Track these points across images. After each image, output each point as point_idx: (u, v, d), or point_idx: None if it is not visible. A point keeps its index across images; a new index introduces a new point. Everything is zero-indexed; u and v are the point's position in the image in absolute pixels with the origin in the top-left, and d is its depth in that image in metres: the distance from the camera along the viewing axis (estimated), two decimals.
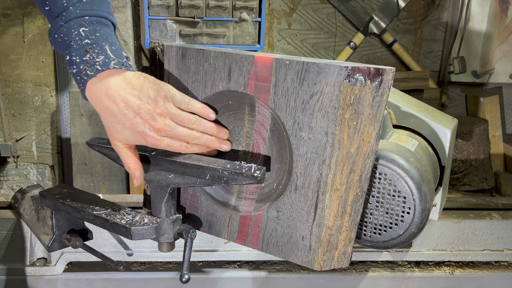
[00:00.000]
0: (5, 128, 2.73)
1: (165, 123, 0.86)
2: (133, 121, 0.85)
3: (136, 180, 0.93)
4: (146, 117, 0.85)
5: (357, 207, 0.89)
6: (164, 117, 0.86)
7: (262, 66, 0.86)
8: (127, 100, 0.84)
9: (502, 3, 2.75)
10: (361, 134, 0.83)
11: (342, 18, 2.87)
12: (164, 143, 0.87)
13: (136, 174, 0.92)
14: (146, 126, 0.85)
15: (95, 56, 0.85)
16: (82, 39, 0.85)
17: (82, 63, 0.85)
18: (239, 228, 0.99)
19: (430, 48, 2.98)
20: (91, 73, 0.85)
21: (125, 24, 2.69)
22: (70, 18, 0.86)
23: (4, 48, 2.73)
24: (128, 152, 0.91)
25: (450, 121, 1.18)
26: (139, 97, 0.85)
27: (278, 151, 0.92)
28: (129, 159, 0.92)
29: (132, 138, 0.87)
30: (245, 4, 2.55)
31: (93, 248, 1.15)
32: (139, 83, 0.86)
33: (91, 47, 0.85)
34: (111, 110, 0.85)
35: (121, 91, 0.85)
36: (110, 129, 0.88)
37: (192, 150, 0.91)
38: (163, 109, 0.86)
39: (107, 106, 0.85)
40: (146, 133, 0.86)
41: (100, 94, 0.85)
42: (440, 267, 1.31)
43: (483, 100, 2.89)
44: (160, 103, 0.85)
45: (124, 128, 0.86)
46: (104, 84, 0.85)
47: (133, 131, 0.86)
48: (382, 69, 0.80)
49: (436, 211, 1.19)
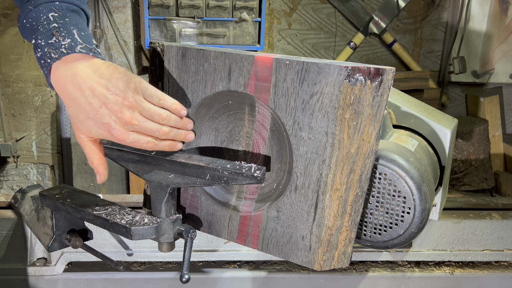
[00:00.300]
0: (5, 128, 2.73)
1: (133, 116, 0.81)
2: (98, 111, 0.80)
3: (99, 176, 0.88)
4: (113, 108, 0.80)
5: (357, 207, 0.89)
6: (132, 110, 0.81)
7: (262, 66, 0.86)
8: (94, 89, 0.80)
9: (502, 3, 2.75)
10: (361, 134, 0.83)
11: (342, 18, 2.87)
12: (130, 138, 0.83)
13: (99, 170, 0.88)
14: (112, 118, 0.80)
15: (61, 39, 0.81)
16: (50, 23, 0.82)
17: (47, 46, 0.81)
18: (239, 228, 0.99)
19: (430, 48, 2.98)
20: (55, 55, 0.81)
21: (125, 24, 2.69)
22: (39, 2, 0.83)
23: (4, 48, 2.73)
24: (92, 145, 0.86)
25: (450, 121, 1.18)
26: (107, 86, 0.80)
27: (278, 151, 0.92)
28: (93, 153, 0.87)
29: (96, 130, 0.82)
30: (245, 4, 2.55)
31: (93, 248, 1.15)
32: (108, 73, 0.81)
33: (57, 30, 0.82)
34: (75, 98, 0.80)
35: (88, 79, 0.80)
36: (74, 119, 0.83)
37: (160, 147, 0.87)
38: (132, 101, 0.81)
39: (71, 93, 0.81)
40: (111, 126, 0.81)
41: (65, 80, 0.81)
42: (440, 267, 1.31)
43: (483, 100, 2.89)
44: (129, 95, 0.81)
45: (88, 118, 0.81)
46: (69, 69, 0.81)
47: (97, 122, 0.81)
48: (382, 69, 0.80)
49: (436, 211, 1.19)
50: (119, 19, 2.68)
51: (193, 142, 1.01)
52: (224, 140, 0.98)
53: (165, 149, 0.88)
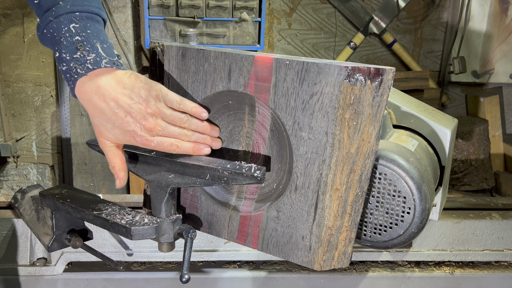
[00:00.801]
0: (5, 128, 2.73)
1: (156, 123, 0.85)
2: (123, 120, 0.84)
3: (119, 181, 0.91)
4: (137, 116, 0.84)
5: (357, 207, 0.89)
6: (155, 117, 0.85)
7: (262, 66, 0.86)
8: (118, 99, 0.83)
9: (502, 3, 2.75)
10: (361, 134, 0.83)
11: (342, 18, 2.87)
12: (154, 142, 0.86)
13: (120, 175, 0.91)
14: (137, 126, 0.84)
15: (86, 54, 0.83)
16: (72, 35, 0.84)
17: (72, 61, 0.83)
18: (239, 228, 0.99)
19: (430, 48, 2.98)
20: (82, 71, 0.83)
21: (125, 24, 2.69)
22: (60, 13, 0.84)
23: (4, 48, 2.73)
24: (116, 151, 0.90)
25: (450, 121, 1.18)
26: (130, 96, 0.83)
27: (278, 151, 0.92)
28: (116, 159, 0.90)
29: (122, 137, 0.86)
30: (245, 4, 2.55)
31: (93, 248, 1.15)
32: (130, 82, 0.84)
33: (81, 44, 0.83)
34: (101, 109, 0.84)
35: (112, 90, 0.83)
36: (100, 128, 0.87)
37: (183, 149, 0.89)
38: (155, 109, 0.85)
39: (97, 105, 0.84)
40: (137, 133, 0.85)
41: (90, 92, 0.84)
42: (440, 267, 1.31)
43: (483, 100, 2.89)
44: (151, 103, 0.84)
45: (114, 127, 0.85)
46: (94, 83, 0.84)
47: (123, 130, 0.85)
48: (382, 69, 0.80)
49: (436, 211, 1.19)
50: (119, 19, 2.68)
51: None
52: (224, 140, 0.98)
53: (189, 151, 0.90)
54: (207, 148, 0.92)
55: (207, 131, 0.91)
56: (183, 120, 0.87)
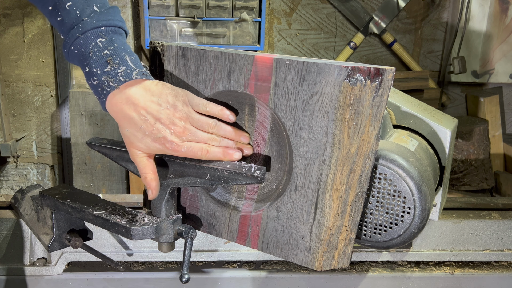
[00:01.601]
0: (5, 128, 2.73)
1: (185, 127, 0.86)
2: (153, 127, 0.85)
3: (152, 191, 0.91)
4: (166, 122, 0.85)
5: (357, 207, 0.89)
6: (184, 121, 0.86)
7: (262, 66, 0.86)
8: (147, 107, 0.85)
9: (502, 3, 2.75)
10: (361, 134, 0.83)
11: (342, 18, 2.87)
12: (184, 147, 0.86)
13: (152, 185, 0.91)
14: (166, 131, 0.85)
15: (117, 67, 0.85)
16: (100, 50, 0.85)
17: (104, 75, 0.85)
18: (239, 228, 0.99)
19: (430, 48, 2.98)
20: (114, 84, 0.85)
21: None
22: (86, 29, 0.85)
23: (4, 48, 2.73)
24: (147, 161, 0.90)
25: (450, 121, 1.18)
26: (158, 103, 0.85)
27: (278, 151, 0.92)
28: (147, 169, 0.90)
29: (153, 145, 0.87)
30: (245, 4, 2.55)
31: (93, 248, 1.15)
32: (158, 90, 0.86)
33: (111, 58, 0.85)
34: (131, 118, 0.85)
35: (141, 99, 0.85)
36: (131, 138, 0.88)
37: (213, 154, 0.88)
38: (183, 114, 0.86)
39: (127, 114, 0.85)
40: (167, 138, 0.85)
41: (120, 103, 0.85)
42: (440, 267, 1.31)
43: (483, 100, 2.89)
44: (179, 108, 0.86)
45: (145, 135, 0.86)
46: (124, 94, 0.85)
47: (154, 137, 0.86)
48: (382, 69, 0.80)
49: (436, 211, 1.19)
50: None
51: None
52: None
53: (219, 156, 0.89)
54: (238, 153, 0.90)
55: (236, 137, 0.91)
56: (211, 125, 0.88)
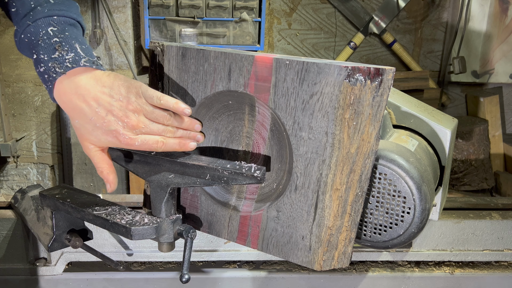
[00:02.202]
0: (5, 128, 2.73)
1: (139, 120, 0.83)
2: (105, 119, 0.81)
3: (109, 185, 0.89)
4: (118, 114, 0.81)
5: (357, 207, 0.89)
6: (137, 113, 0.83)
7: (262, 66, 0.86)
8: (98, 98, 0.81)
9: (502, 3, 2.75)
10: (361, 134, 0.83)
11: (342, 18, 2.87)
12: (138, 141, 0.83)
13: (109, 179, 0.89)
14: (119, 124, 0.82)
15: (65, 54, 0.83)
16: (50, 37, 0.84)
17: (51, 61, 0.83)
18: (239, 228, 0.99)
19: (430, 48, 2.98)
20: (60, 70, 0.82)
21: (125, 24, 2.69)
22: (38, 17, 0.84)
23: (4, 48, 2.73)
24: (101, 155, 0.88)
25: (450, 121, 1.18)
26: (110, 94, 0.82)
27: (278, 151, 0.92)
28: (102, 163, 0.88)
29: (105, 138, 0.84)
30: (245, 4, 2.55)
31: (93, 248, 1.15)
32: (110, 81, 0.83)
33: (60, 45, 0.83)
34: (81, 109, 0.82)
35: (92, 89, 0.82)
36: (81, 130, 0.85)
37: (169, 145, 0.86)
38: (136, 106, 0.82)
39: (77, 105, 0.82)
40: (119, 132, 0.82)
41: (69, 93, 0.82)
42: (440, 267, 1.31)
43: (483, 100, 2.89)
44: (132, 99, 0.82)
45: (96, 128, 0.82)
46: (73, 82, 0.82)
47: (105, 130, 0.82)
48: (382, 69, 0.80)
49: (436, 211, 1.19)
50: (119, 19, 2.68)
51: None
52: (224, 140, 0.98)
53: (175, 148, 0.87)
54: (193, 143, 0.89)
55: (190, 126, 0.89)
56: (166, 117, 0.85)
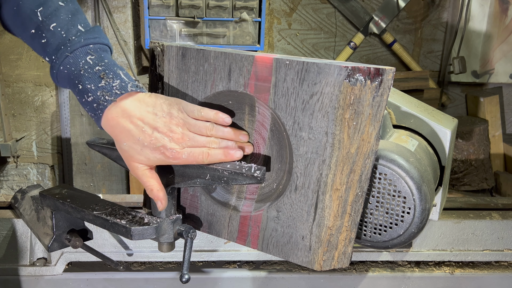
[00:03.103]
0: (5, 128, 2.73)
1: (183, 133, 0.86)
2: (152, 136, 0.84)
3: (160, 202, 0.91)
4: (164, 130, 0.85)
5: (357, 207, 0.89)
6: (181, 127, 0.86)
7: (262, 66, 0.86)
8: (143, 117, 0.85)
9: (502, 3, 2.75)
10: (361, 134, 0.83)
11: (342, 18, 2.87)
12: (185, 154, 0.86)
13: (160, 196, 0.90)
14: (165, 139, 0.85)
15: (111, 81, 0.85)
16: (92, 66, 0.86)
17: (99, 90, 0.85)
18: (239, 228, 0.99)
19: (430, 48, 2.98)
20: (110, 98, 0.85)
21: (125, 24, 2.69)
22: (75, 47, 0.86)
23: (4, 48, 2.73)
24: (149, 174, 0.90)
25: (450, 121, 1.18)
26: (153, 112, 0.85)
27: (278, 151, 0.92)
28: (152, 181, 0.90)
29: (153, 156, 0.86)
30: (245, 4, 2.55)
31: (93, 248, 1.15)
32: (152, 100, 0.86)
33: (104, 73, 0.86)
34: (128, 130, 0.85)
35: (137, 110, 0.85)
36: (130, 152, 0.87)
37: (214, 156, 0.88)
38: (179, 120, 0.86)
39: (124, 127, 0.85)
40: (167, 146, 0.85)
41: (116, 117, 0.85)
42: (440, 267, 1.31)
43: (483, 100, 2.89)
44: (174, 115, 0.86)
45: (144, 147, 0.85)
46: (119, 107, 0.85)
47: (153, 147, 0.85)
48: (382, 69, 0.80)
49: (436, 211, 1.19)
50: (119, 19, 2.68)
51: None
52: None
53: (221, 157, 0.88)
54: (239, 152, 0.90)
55: (235, 136, 0.91)
56: (208, 128, 0.88)
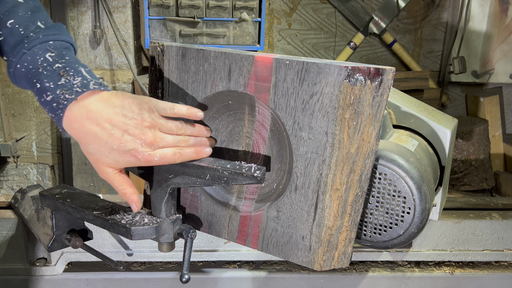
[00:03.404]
0: (5, 128, 2.73)
1: (155, 135, 0.82)
2: (121, 139, 0.80)
3: (135, 204, 0.88)
4: (135, 132, 0.80)
5: (357, 207, 0.89)
6: (153, 129, 0.82)
7: (262, 66, 0.86)
8: (112, 119, 0.79)
9: (502, 3, 2.75)
10: (361, 134, 0.83)
11: (342, 18, 2.87)
12: (157, 155, 0.82)
13: (134, 199, 0.88)
14: (137, 142, 0.80)
15: (71, 79, 0.81)
16: (51, 64, 0.81)
17: (58, 88, 0.80)
18: (239, 228, 0.99)
19: (430, 48, 2.98)
20: (71, 96, 0.80)
21: (125, 24, 2.69)
22: (33, 44, 0.82)
23: None
24: (120, 177, 0.86)
25: (450, 121, 1.18)
26: (123, 113, 0.80)
27: (278, 151, 0.92)
28: (124, 184, 0.86)
29: (123, 158, 0.81)
30: (245, 4, 2.55)
31: (93, 248, 1.15)
32: (119, 100, 0.81)
33: (64, 70, 0.81)
34: (95, 133, 0.80)
35: (103, 111, 0.80)
36: (97, 155, 0.82)
37: (186, 155, 0.86)
38: (151, 121, 0.82)
39: (90, 130, 0.80)
40: (138, 150, 0.80)
41: (80, 118, 0.80)
42: (440, 267, 1.31)
43: (483, 100, 2.89)
44: (146, 116, 0.81)
45: (112, 150, 0.80)
46: (83, 107, 0.80)
47: (123, 150, 0.80)
48: (382, 69, 0.80)
49: (436, 211, 1.19)
50: (119, 19, 2.67)
51: None
52: (224, 140, 0.98)
53: (192, 156, 0.87)
54: (208, 149, 0.90)
55: (200, 132, 0.90)
56: (179, 127, 0.85)
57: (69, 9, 2.65)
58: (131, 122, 0.80)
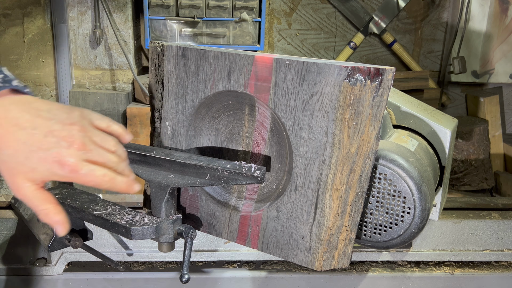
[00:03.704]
0: None
1: (84, 141, 0.69)
2: (43, 141, 0.66)
3: (61, 227, 0.71)
4: (61, 134, 0.68)
5: (357, 207, 0.89)
6: (83, 132, 0.70)
7: (262, 66, 0.86)
8: (33, 120, 0.67)
9: (502, 3, 2.75)
10: (361, 134, 0.83)
11: (342, 18, 2.88)
12: (85, 168, 0.68)
13: (59, 219, 0.71)
14: (62, 144, 0.67)
15: None
16: None
17: None
18: (239, 228, 0.99)
19: (430, 48, 2.98)
20: None
21: (125, 24, 2.69)
22: None
23: (4, 48, 2.73)
24: (41, 194, 0.70)
25: (450, 121, 1.18)
26: (48, 116, 0.69)
27: (278, 151, 0.92)
28: (45, 203, 0.70)
29: (43, 166, 0.67)
30: (245, 4, 2.55)
31: (93, 248, 1.15)
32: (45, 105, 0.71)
33: None
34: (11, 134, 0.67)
35: (25, 112, 0.68)
36: (10, 164, 0.67)
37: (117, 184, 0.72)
38: (82, 125, 0.70)
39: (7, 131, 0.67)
40: (62, 153, 0.66)
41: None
42: (440, 267, 1.31)
43: (483, 100, 2.89)
44: (76, 119, 0.70)
45: (31, 153, 0.66)
46: (2, 106, 0.68)
47: (43, 154, 0.66)
48: (382, 69, 0.80)
49: (436, 211, 1.19)
50: (119, 19, 2.68)
51: (193, 142, 1.01)
52: (224, 140, 0.98)
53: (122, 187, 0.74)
54: (137, 186, 0.76)
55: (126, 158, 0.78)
56: (112, 143, 0.74)
57: (69, 9, 2.65)
58: (57, 125, 0.68)
